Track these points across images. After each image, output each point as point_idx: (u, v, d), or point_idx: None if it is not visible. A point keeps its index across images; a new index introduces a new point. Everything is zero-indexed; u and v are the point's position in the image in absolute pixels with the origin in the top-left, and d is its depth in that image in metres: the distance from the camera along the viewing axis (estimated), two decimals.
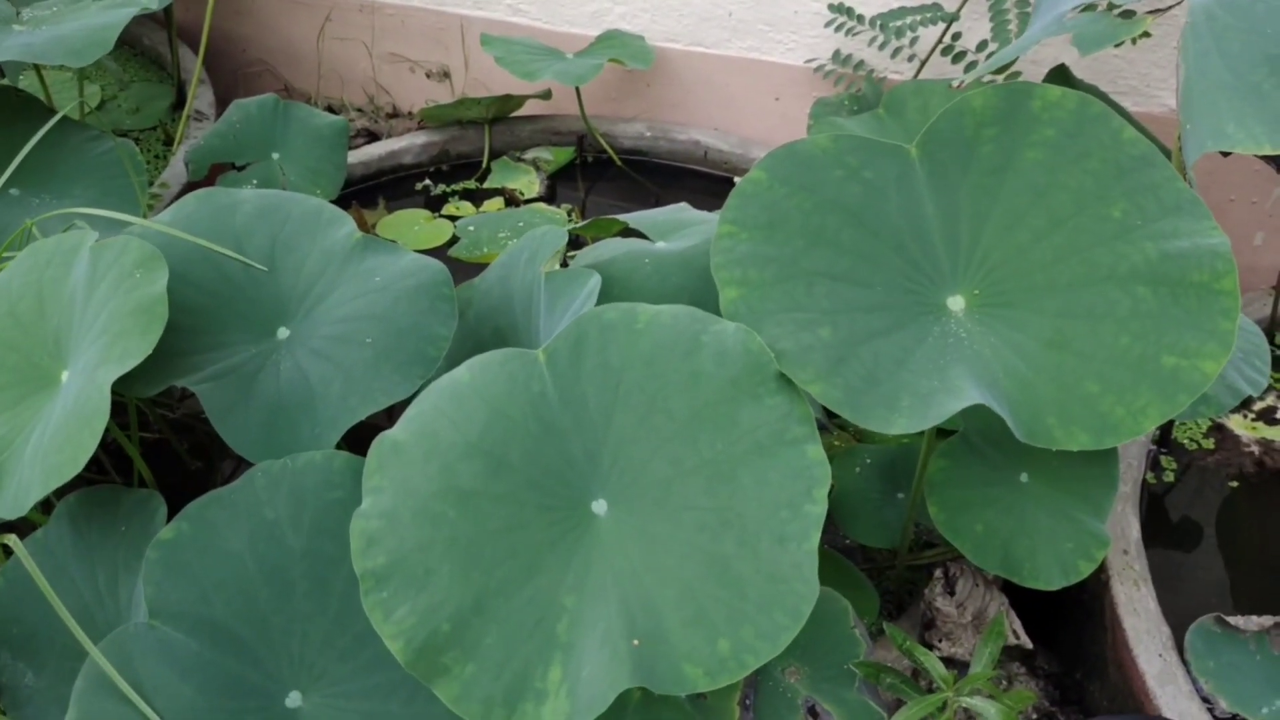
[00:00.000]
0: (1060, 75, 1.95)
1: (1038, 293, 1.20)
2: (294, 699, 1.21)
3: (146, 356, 1.27)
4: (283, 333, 1.48)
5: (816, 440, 1.08)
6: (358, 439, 1.37)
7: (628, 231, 1.71)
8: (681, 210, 1.74)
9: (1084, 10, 1.63)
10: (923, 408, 1.09)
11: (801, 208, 1.21)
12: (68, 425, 1.24)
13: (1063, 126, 1.21)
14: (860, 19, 2.25)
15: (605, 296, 1.43)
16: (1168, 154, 1.56)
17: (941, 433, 1.51)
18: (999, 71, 2.08)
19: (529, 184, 2.50)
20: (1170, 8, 1.83)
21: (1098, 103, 1.21)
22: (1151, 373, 1.13)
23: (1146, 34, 1.93)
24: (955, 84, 1.91)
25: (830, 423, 1.82)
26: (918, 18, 2.16)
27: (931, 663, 1.34)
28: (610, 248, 1.57)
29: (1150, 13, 1.55)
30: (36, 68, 2.21)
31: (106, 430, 1.50)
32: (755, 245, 1.18)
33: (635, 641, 1.03)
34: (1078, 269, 1.19)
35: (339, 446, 1.48)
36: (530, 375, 1.15)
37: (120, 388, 1.40)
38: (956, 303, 1.22)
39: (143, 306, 1.29)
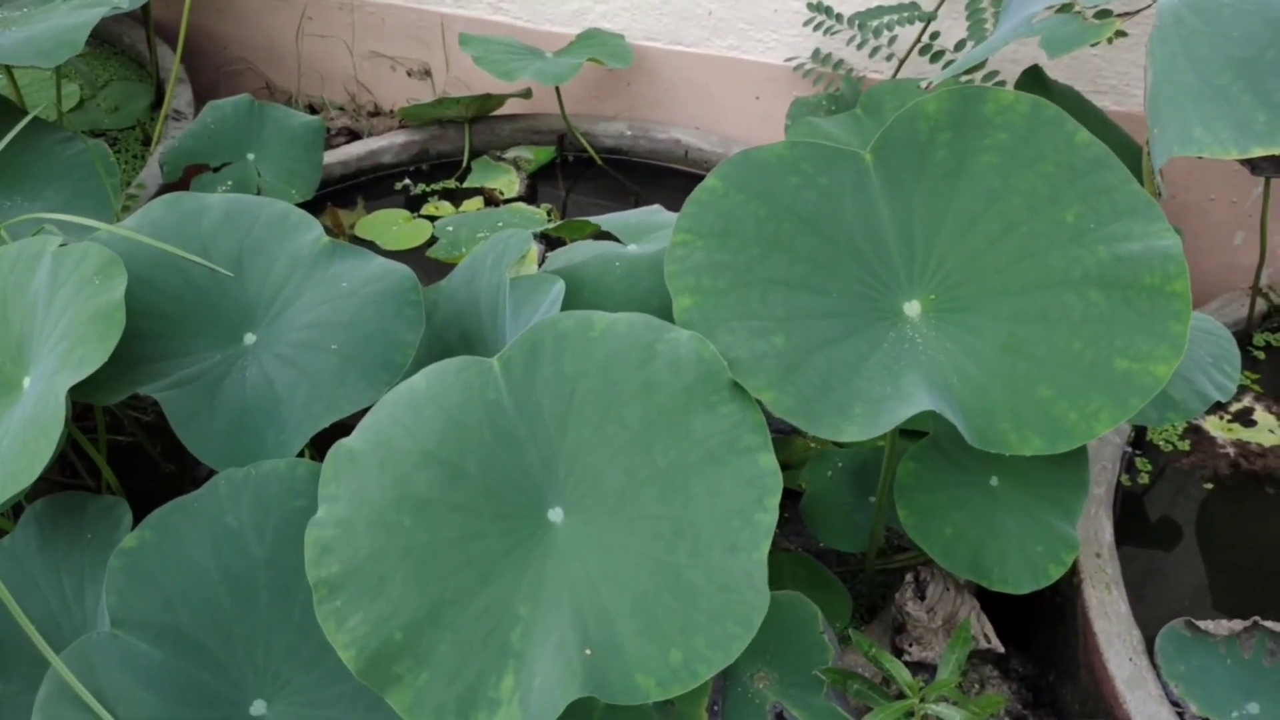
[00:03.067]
0: (1033, 76, 1.95)
1: (992, 297, 1.19)
2: (258, 707, 1.21)
3: (108, 363, 1.26)
4: (249, 338, 1.47)
5: (769, 449, 1.08)
6: (327, 446, 1.37)
7: (602, 233, 1.70)
8: (655, 213, 1.74)
9: (1058, 11, 1.62)
10: (874, 415, 1.08)
11: (756, 215, 1.20)
12: (25, 433, 1.23)
13: (1016, 130, 1.21)
14: (839, 18, 2.24)
15: (575, 300, 1.43)
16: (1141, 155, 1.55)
17: (912, 435, 1.51)
18: (971, 72, 2.07)
19: (509, 183, 2.49)
20: (1142, 9, 1.83)
21: (1051, 105, 1.20)
22: (1104, 377, 1.12)
23: (1122, 33, 1.92)
24: (925, 85, 1.90)
25: None
26: (895, 17, 2.15)
27: (897, 669, 1.33)
28: (582, 250, 1.57)
29: (1121, 15, 1.55)
30: (8, 69, 2.20)
31: (76, 436, 1.50)
32: (710, 253, 1.17)
33: (588, 651, 1.03)
34: (1031, 273, 1.18)
35: (307, 453, 1.48)
36: (485, 383, 1.15)
37: (83, 395, 1.39)
38: (912, 308, 1.21)
39: (101, 313, 1.28)
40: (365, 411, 1.30)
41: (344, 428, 1.36)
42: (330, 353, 1.42)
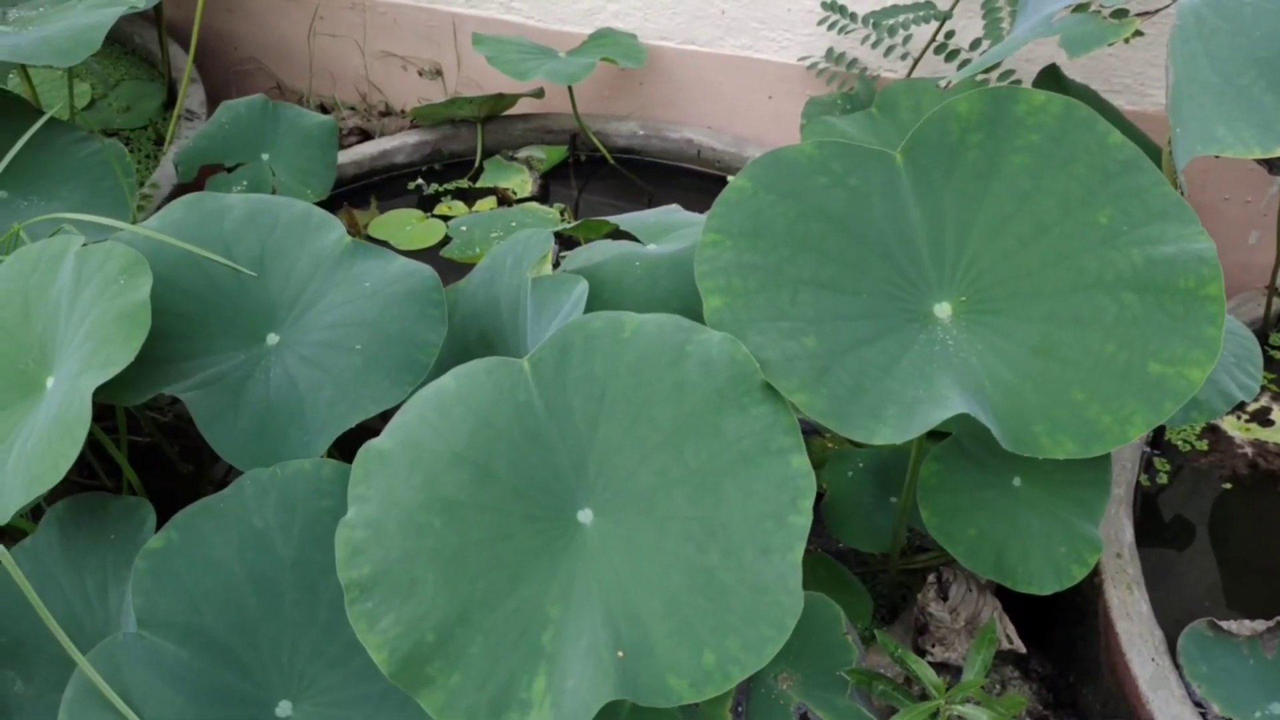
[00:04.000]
0: (1050, 75, 1.94)
1: (1024, 299, 1.19)
2: (284, 708, 1.21)
3: (132, 363, 1.26)
4: (272, 339, 1.47)
5: (802, 450, 1.08)
6: (350, 446, 1.37)
7: (619, 233, 1.70)
8: (673, 212, 1.74)
9: (1075, 10, 1.62)
10: (907, 417, 1.08)
11: (786, 215, 1.20)
12: (50, 433, 1.23)
13: (1048, 131, 1.21)
14: (853, 17, 2.24)
15: (595, 300, 1.43)
16: (1158, 154, 1.55)
17: (934, 435, 1.51)
18: (989, 71, 2.07)
19: (522, 183, 2.49)
20: (1162, 9, 1.82)
21: (1083, 106, 1.20)
22: (1138, 380, 1.12)
23: (1139, 33, 1.92)
24: (943, 84, 1.90)
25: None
26: (910, 16, 2.15)
27: (922, 670, 1.33)
28: (601, 250, 1.56)
29: (1140, 14, 1.54)
30: (23, 68, 2.19)
31: (96, 435, 1.50)
32: (739, 254, 1.17)
33: (620, 653, 1.03)
34: (1064, 275, 1.18)
35: (330, 454, 1.48)
36: (516, 384, 1.15)
37: (108, 396, 1.39)
38: (943, 310, 1.21)
39: (126, 313, 1.28)
40: (389, 412, 1.31)
41: (366, 428, 1.36)
42: (354, 353, 1.41)
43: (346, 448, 1.40)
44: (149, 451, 1.85)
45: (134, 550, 1.31)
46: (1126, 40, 1.95)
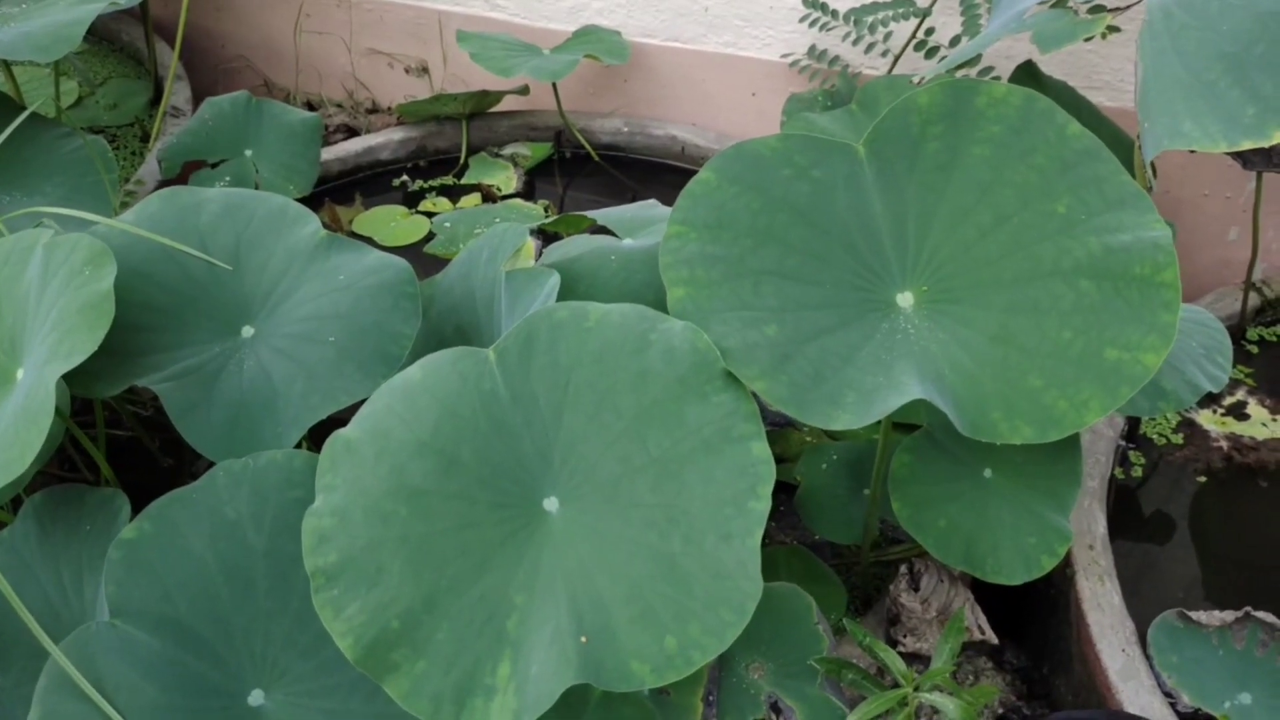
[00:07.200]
0: (1027, 71, 1.95)
1: (984, 288, 1.20)
2: (256, 697, 1.21)
3: (105, 355, 1.27)
4: (246, 331, 1.48)
5: (762, 437, 1.09)
6: (324, 437, 1.38)
7: (598, 228, 1.71)
8: (650, 207, 1.75)
9: (1051, 6, 1.63)
10: (866, 404, 1.09)
11: (750, 207, 1.21)
12: (16, 423, 1.24)
13: (1008, 123, 1.22)
14: (834, 14, 2.25)
15: (571, 293, 1.44)
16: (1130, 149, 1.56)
17: (906, 427, 1.52)
18: (966, 67, 2.08)
19: (506, 180, 2.50)
20: (1134, 4, 1.83)
21: (1043, 98, 1.21)
22: (1094, 366, 1.13)
23: (1114, 29, 1.93)
24: (916, 80, 1.91)
25: None
26: (890, 13, 2.16)
27: (891, 659, 1.34)
28: (578, 245, 1.58)
29: (1113, 10, 1.55)
30: (6, 65, 2.20)
31: (73, 430, 1.50)
32: (703, 245, 1.18)
33: (583, 638, 1.04)
34: (1023, 264, 1.19)
35: (304, 445, 1.48)
36: (481, 373, 1.16)
37: (81, 387, 1.40)
38: (905, 299, 1.22)
39: (90, 303, 1.28)
40: (362, 403, 1.32)
41: (341, 419, 1.37)
42: (327, 345, 1.42)
43: (320, 440, 1.41)
44: (130, 445, 1.86)
45: (108, 541, 1.31)
46: (1103, 36, 1.97)
